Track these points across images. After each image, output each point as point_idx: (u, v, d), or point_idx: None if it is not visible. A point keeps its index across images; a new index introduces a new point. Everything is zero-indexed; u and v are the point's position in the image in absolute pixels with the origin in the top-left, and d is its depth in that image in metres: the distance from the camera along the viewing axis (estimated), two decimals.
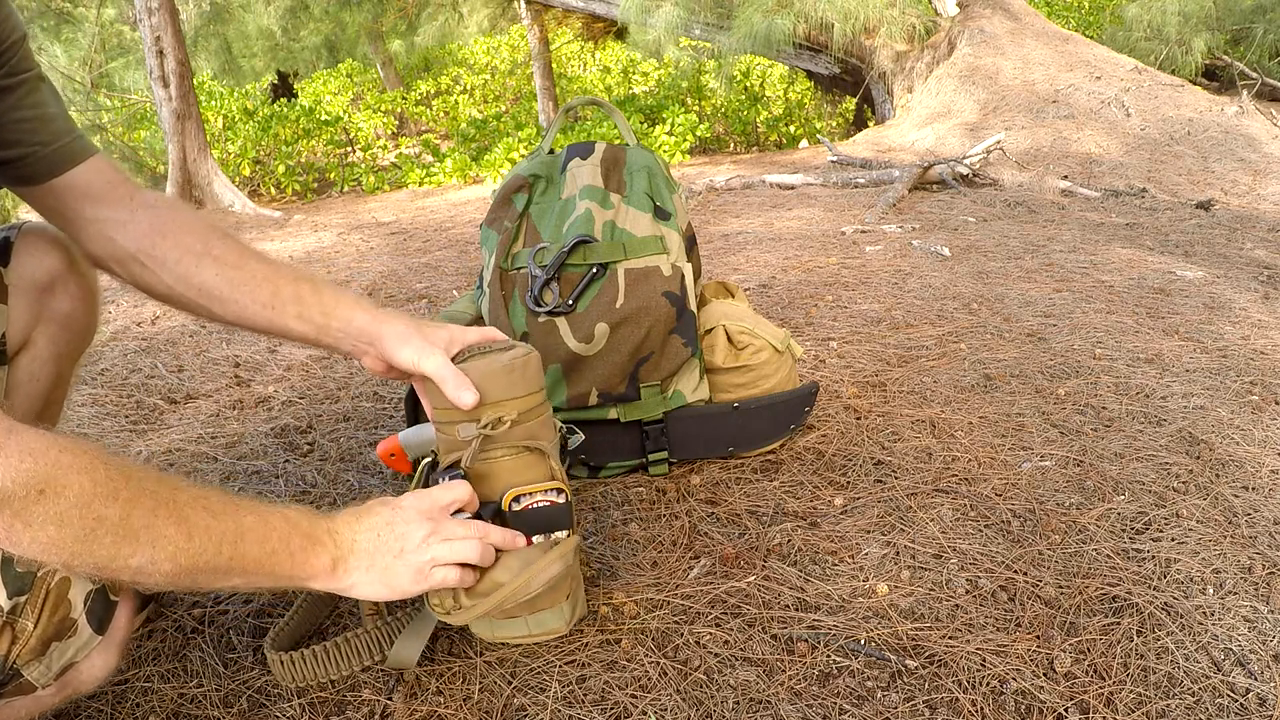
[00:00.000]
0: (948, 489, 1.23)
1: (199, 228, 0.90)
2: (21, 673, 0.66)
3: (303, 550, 0.73)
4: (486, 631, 0.91)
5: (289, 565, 0.72)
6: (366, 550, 0.77)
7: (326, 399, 1.77)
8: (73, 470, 0.60)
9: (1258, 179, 4.30)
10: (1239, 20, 6.84)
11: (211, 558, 0.67)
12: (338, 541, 0.76)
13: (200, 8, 8.87)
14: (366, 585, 0.77)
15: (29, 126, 0.82)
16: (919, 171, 4.07)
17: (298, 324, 0.89)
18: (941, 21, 6.41)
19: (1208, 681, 0.84)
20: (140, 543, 0.63)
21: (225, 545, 0.68)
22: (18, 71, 0.81)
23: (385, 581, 0.77)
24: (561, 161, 1.35)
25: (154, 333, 2.43)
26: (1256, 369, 1.64)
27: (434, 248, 3.61)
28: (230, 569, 0.69)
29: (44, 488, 0.59)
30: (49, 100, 0.85)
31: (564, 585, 0.90)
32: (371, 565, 0.77)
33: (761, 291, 2.37)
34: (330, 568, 0.75)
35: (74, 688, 0.73)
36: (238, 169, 6.59)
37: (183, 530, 0.65)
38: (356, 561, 0.76)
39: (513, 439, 0.86)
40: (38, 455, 0.59)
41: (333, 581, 0.76)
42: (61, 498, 0.59)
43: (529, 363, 0.87)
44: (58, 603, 0.67)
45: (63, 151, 0.85)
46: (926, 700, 0.83)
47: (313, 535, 0.74)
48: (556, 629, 0.91)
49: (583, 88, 10.42)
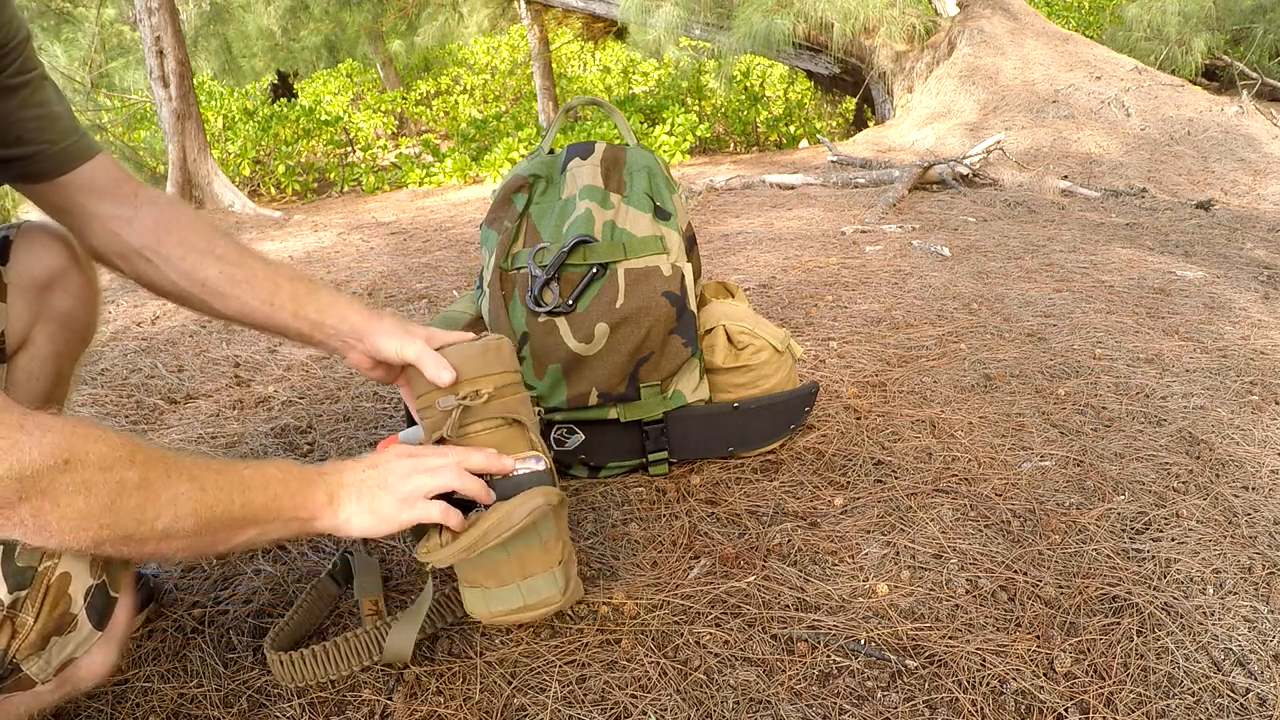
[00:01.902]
0: (948, 489, 1.23)
1: (202, 226, 0.94)
2: (21, 667, 0.66)
3: (300, 491, 0.78)
4: (482, 608, 0.90)
5: (291, 506, 0.77)
6: (354, 484, 0.82)
7: (326, 399, 1.77)
8: (89, 439, 0.63)
9: (1258, 179, 4.30)
10: (1239, 20, 6.84)
11: (226, 508, 0.71)
12: (328, 480, 0.81)
13: (200, 8, 8.87)
14: (358, 517, 0.81)
15: (37, 125, 0.84)
16: (919, 171, 4.07)
17: (294, 320, 0.94)
18: (941, 21, 6.41)
19: (1208, 681, 0.84)
20: (162, 502, 0.67)
21: (235, 494, 0.72)
22: (24, 71, 0.83)
23: (374, 511, 0.81)
24: (561, 161, 1.35)
25: (154, 333, 2.43)
26: (1256, 369, 1.64)
27: (434, 248, 3.61)
28: (244, 518, 0.73)
29: (68, 457, 0.61)
30: (54, 99, 0.87)
31: (555, 548, 0.91)
32: (360, 495, 0.81)
33: (761, 291, 2.38)
34: (327, 501, 0.80)
35: (73, 684, 0.73)
36: (238, 169, 6.60)
37: (196, 484, 0.69)
38: (347, 494, 0.81)
39: (491, 412, 0.90)
40: (56, 430, 0.61)
41: (330, 516, 0.80)
42: (85, 465, 0.62)
43: (501, 345, 0.93)
44: (58, 598, 0.67)
45: (70, 150, 0.87)
46: (926, 700, 0.83)
47: (305, 476, 0.79)
48: (550, 597, 0.90)
49: (583, 88, 10.42)
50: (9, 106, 0.82)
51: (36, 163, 0.86)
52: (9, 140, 0.83)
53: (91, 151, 0.89)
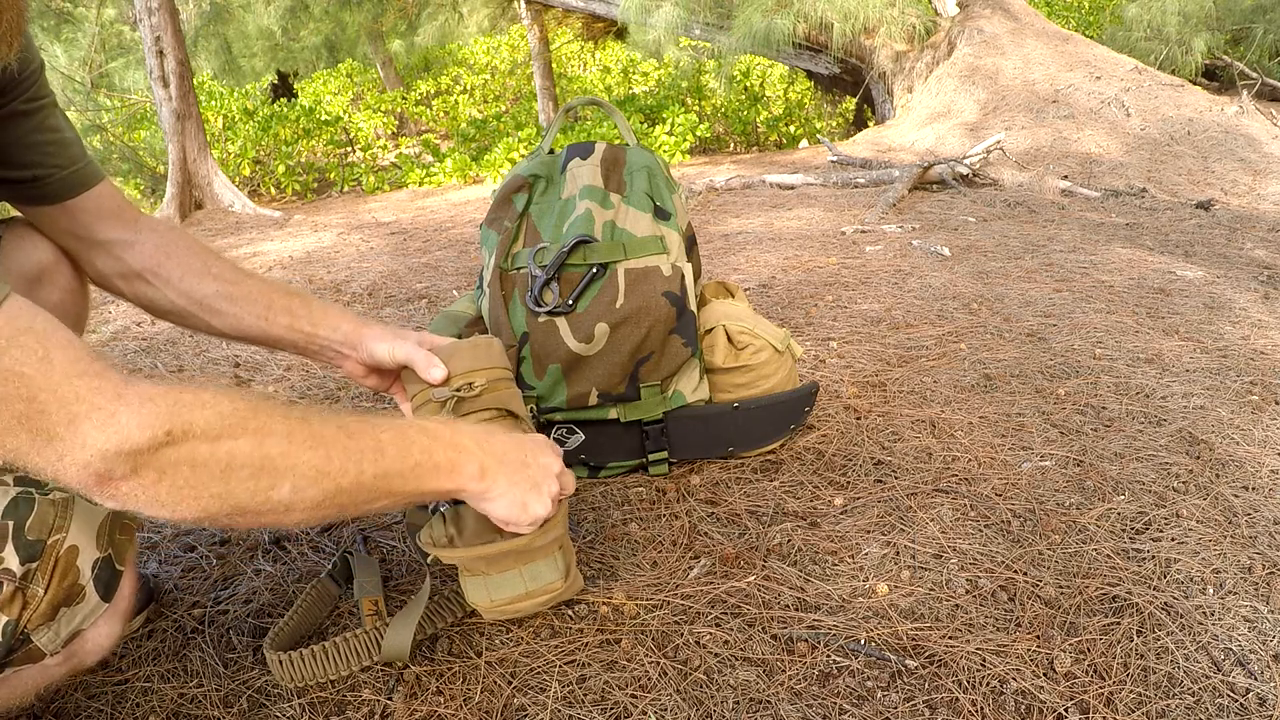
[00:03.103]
0: (948, 489, 1.23)
1: (199, 249, 0.98)
2: (31, 639, 0.68)
3: (449, 460, 0.76)
4: (483, 597, 0.90)
5: (433, 477, 0.75)
6: (511, 464, 0.81)
7: (326, 399, 1.77)
8: (195, 407, 0.61)
9: (1258, 179, 4.30)
10: (1239, 20, 6.83)
11: (355, 477, 0.69)
12: (483, 450, 0.79)
13: (200, 8, 8.87)
14: (503, 500, 0.80)
15: (48, 150, 0.88)
16: (919, 171, 4.07)
17: (289, 333, 0.96)
18: (941, 21, 6.41)
19: (1208, 681, 0.84)
20: (280, 472, 0.65)
21: (367, 462, 0.69)
22: (37, 98, 0.86)
23: (520, 502, 0.81)
24: (561, 161, 1.35)
25: (154, 333, 2.43)
26: (1256, 369, 1.64)
27: (434, 248, 3.61)
28: (376, 488, 0.70)
29: (171, 428, 0.60)
30: (64, 126, 0.90)
31: (554, 530, 0.91)
32: (512, 480, 0.80)
33: (761, 291, 2.38)
34: (479, 474, 0.78)
35: (79, 658, 0.74)
36: (238, 169, 6.59)
37: (320, 453, 0.67)
38: (500, 471, 0.80)
39: (483, 404, 0.91)
40: (158, 399, 0.60)
41: (476, 489, 0.78)
42: (191, 439, 0.60)
43: (491, 342, 0.95)
44: (67, 569, 0.68)
45: (78, 175, 0.91)
46: (926, 700, 0.83)
47: (456, 443, 0.77)
48: (553, 584, 0.91)
49: (583, 88, 10.42)
50: (21, 131, 0.85)
51: (44, 186, 0.89)
52: (18, 163, 0.86)
53: (97, 178, 0.92)
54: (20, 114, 0.85)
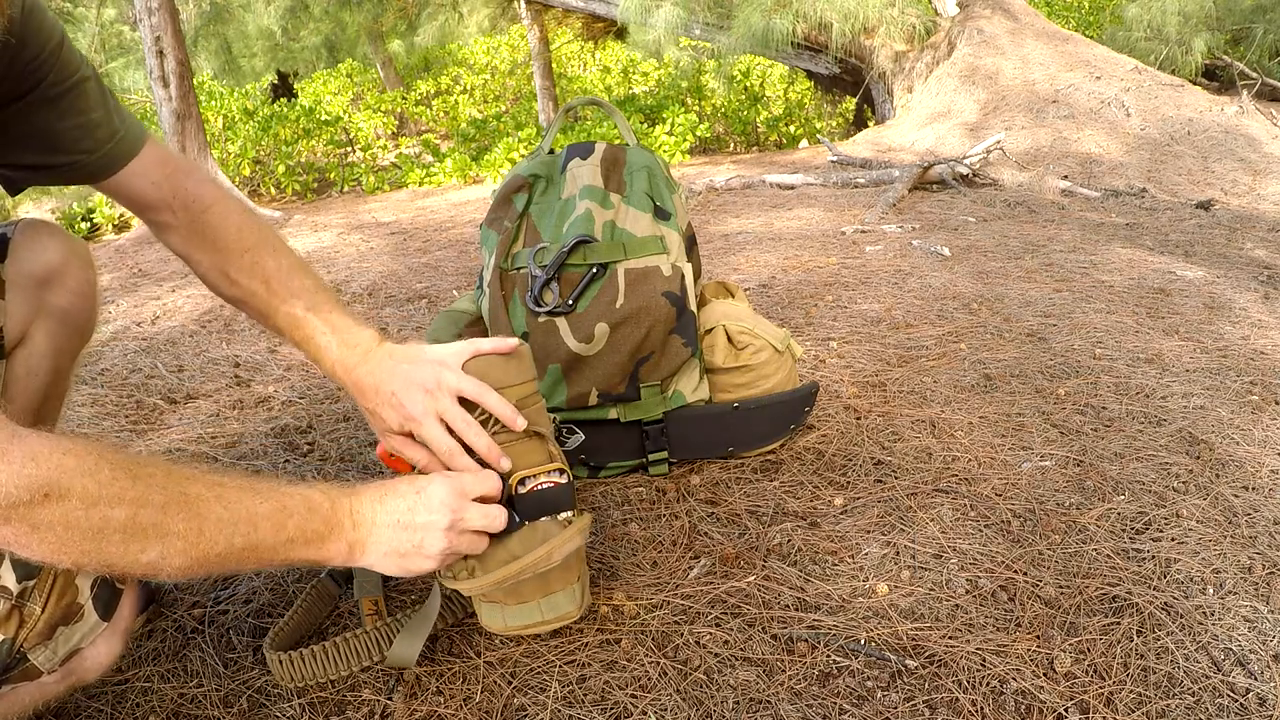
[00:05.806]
0: (948, 489, 1.23)
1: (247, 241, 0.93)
2: (28, 657, 0.67)
3: (319, 537, 0.75)
4: (498, 622, 0.91)
5: (304, 551, 0.74)
6: (386, 537, 0.79)
7: (326, 399, 1.77)
8: (77, 474, 0.61)
9: (1258, 179, 4.30)
10: (1239, 20, 6.83)
11: (224, 548, 0.68)
12: (357, 523, 0.78)
13: (200, 8, 8.87)
14: (382, 566, 0.80)
15: (72, 136, 0.85)
16: (919, 171, 4.07)
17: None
18: (941, 21, 6.41)
19: (1208, 681, 0.84)
20: (149, 539, 0.65)
21: (238, 536, 0.69)
22: (62, 79, 0.82)
23: (402, 567, 0.80)
24: (561, 161, 1.35)
25: (154, 333, 2.43)
26: (1256, 369, 1.64)
27: (434, 248, 3.61)
28: (244, 558, 0.70)
29: (49, 491, 0.60)
30: (95, 105, 0.86)
31: (575, 565, 0.92)
32: (389, 552, 0.79)
33: (761, 291, 2.37)
34: (347, 553, 0.77)
35: (78, 676, 0.74)
36: (238, 169, 6.59)
37: (194, 525, 0.67)
38: (375, 545, 0.78)
39: (509, 436, 0.89)
40: (40, 460, 0.60)
41: (342, 561, 0.78)
42: (66, 501, 0.60)
43: (521, 354, 0.92)
44: (65, 588, 0.68)
45: (107, 156, 0.88)
46: (926, 700, 0.83)
47: (332, 519, 0.76)
48: (569, 612, 0.92)
49: (583, 88, 10.41)
50: (47, 119, 0.82)
51: (75, 170, 0.87)
52: (47, 149, 0.84)
53: (126, 157, 0.89)
54: (46, 100, 0.82)
